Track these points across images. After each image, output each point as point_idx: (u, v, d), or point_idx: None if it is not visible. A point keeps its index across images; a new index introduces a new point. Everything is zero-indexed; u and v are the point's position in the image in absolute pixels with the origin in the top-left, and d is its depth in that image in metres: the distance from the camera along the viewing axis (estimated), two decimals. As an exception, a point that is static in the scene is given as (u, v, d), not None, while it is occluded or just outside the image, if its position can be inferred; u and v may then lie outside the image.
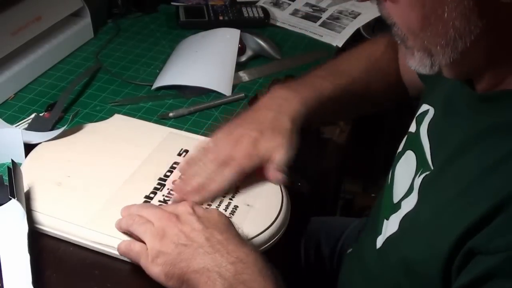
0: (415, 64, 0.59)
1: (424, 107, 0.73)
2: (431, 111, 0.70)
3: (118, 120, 0.92)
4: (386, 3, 0.57)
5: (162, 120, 0.95)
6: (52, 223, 0.72)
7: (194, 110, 0.98)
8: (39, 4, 1.07)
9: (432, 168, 0.64)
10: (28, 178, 0.77)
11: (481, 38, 0.53)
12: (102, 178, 0.78)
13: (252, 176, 0.77)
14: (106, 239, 0.70)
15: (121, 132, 0.88)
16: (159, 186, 0.77)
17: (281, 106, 0.77)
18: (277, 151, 0.75)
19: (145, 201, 0.75)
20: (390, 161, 0.78)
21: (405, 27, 0.57)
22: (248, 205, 0.74)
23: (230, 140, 0.76)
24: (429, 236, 0.59)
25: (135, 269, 0.69)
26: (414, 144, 0.71)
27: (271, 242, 0.71)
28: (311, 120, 0.79)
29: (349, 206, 1.60)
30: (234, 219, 0.72)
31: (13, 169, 0.74)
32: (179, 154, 0.83)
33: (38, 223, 0.72)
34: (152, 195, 0.76)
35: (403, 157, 0.74)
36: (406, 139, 0.75)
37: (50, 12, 1.09)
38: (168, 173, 0.79)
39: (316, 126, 0.83)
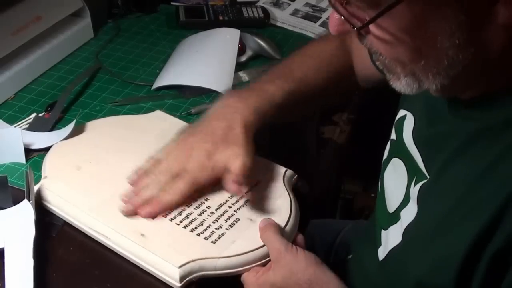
0: (399, 86, 0.58)
1: (401, 112, 0.72)
2: (410, 117, 0.70)
3: (157, 117, 0.92)
4: (369, 37, 0.55)
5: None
6: (61, 205, 0.75)
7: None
8: (39, 4, 1.07)
9: (428, 176, 0.64)
10: (54, 160, 0.81)
11: (473, 62, 0.53)
12: (120, 170, 0.79)
13: (263, 191, 0.76)
14: (101, 227, 0.71)
15: (155, 129, 0.88)
16: None
17: (233, 116, 0.76)
18: (232, 160, 0.73)
19: None
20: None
21: (393, 59, 0.56)
22: (250, 219, 0.73)
23: (182, 152, 0.75)
24: (436, 248, 0.58)
25: (135, 269, 0.69)
26: (400, 152, 0.70)
27: (264, 260, 0.70)
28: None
29: (349, 206, 1.60)
30: (231, 231, 0.71)
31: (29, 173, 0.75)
32: None
33: (50, 203, 0.75)
34: None
35: (389, 165, 0.73)
36: (390, 146, 0.75)
37: (50, 12, 1.09)
38: None
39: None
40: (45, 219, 0.75)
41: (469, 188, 0.56)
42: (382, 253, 0.71)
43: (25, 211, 0.71)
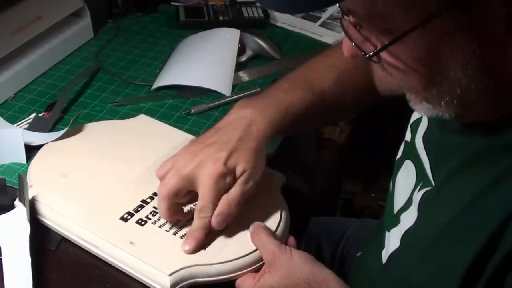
0: (419, 109, 0.58)
1: (417, 114, 0.72)
2: (424, 120, 0.69)
3: (142, 121, 0.92)
4: (384, 63, 0.55)
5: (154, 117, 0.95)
6: (48, 214, 0.73)
7: (218, 104, 1.00)
8: (39, 4, 1.07)
9: (433, 184, 0.63)
10: (38, 168, 0.79)
11: (487, 92, 0.52)
12: (106, 176, 0.78)
13: (251, 195, 0.73)
14: (89, 236, 0.70)
15: (140, 133, 0.88)
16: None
17: (248, 127, 0.73)
18: (237, 184, 0.70)
19: (140, 205, 0.74)
20: (390, 161, 0.78)
21: (407, 85, 0.56)
22: (240, 224, 0.71)
23: (195, 160, 0.70)
24: (437, 257, 0.58)
25: (135, 269, 0.69)
26: (412, 154, 0.70)
27: (257, 265, 0.69)
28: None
29: (349, 206, 1.60)
30: (222, 237, 0.70)
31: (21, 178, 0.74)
32: None
33: (38, 213, 0.74)
34: (149, 200, 0.75)
35: (403, 166, 0.73)
36: (404, 147, 0.74)
37: (50, 12, 1.09)
38: None
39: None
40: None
41: (471, 203, 0.55)
42: (384, 256, 0.71)
43: (19, 211, 0.71)
